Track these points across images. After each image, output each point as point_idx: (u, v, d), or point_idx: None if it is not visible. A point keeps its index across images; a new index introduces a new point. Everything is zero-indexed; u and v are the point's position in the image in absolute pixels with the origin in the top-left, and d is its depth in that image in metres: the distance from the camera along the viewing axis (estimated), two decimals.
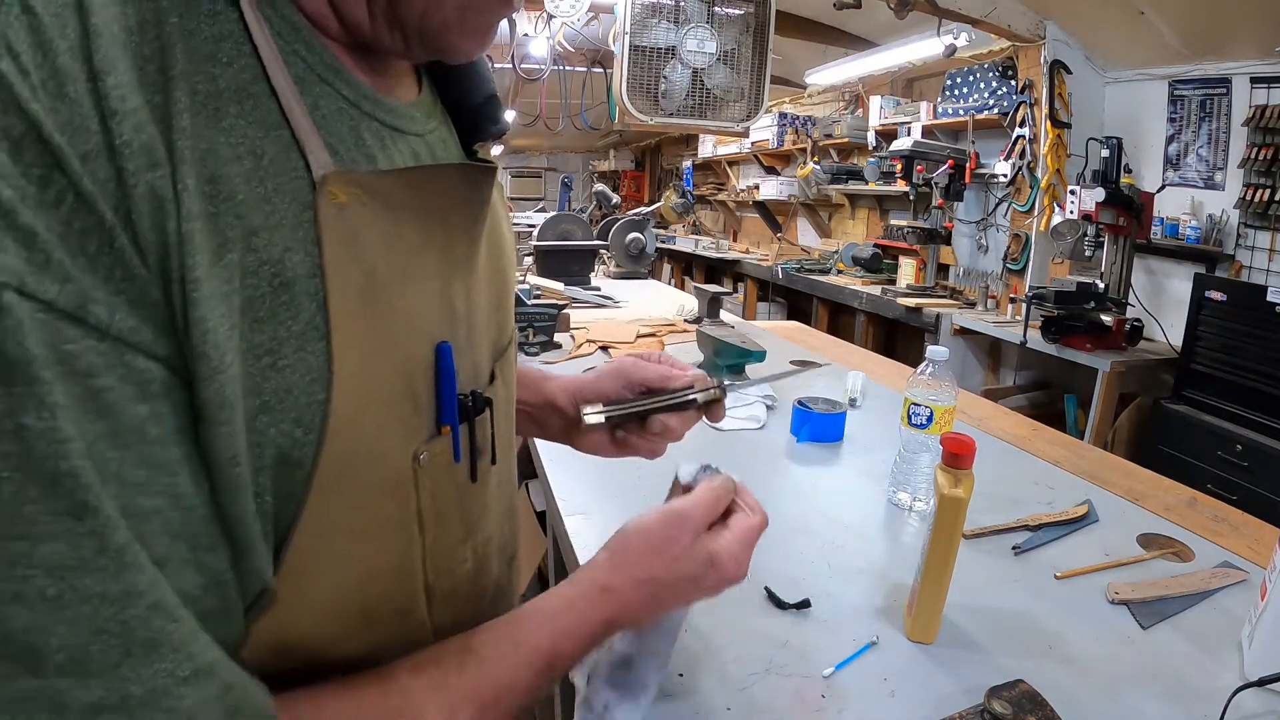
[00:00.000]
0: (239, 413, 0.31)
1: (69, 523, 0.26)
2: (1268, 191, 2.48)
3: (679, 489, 0.56)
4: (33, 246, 0.25)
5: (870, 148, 4.45)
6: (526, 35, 3.12)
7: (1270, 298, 2.16)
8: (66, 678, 0.26)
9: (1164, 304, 2.91)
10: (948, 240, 3.69)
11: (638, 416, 0.64)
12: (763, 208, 5.86)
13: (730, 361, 1.59)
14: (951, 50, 3.14)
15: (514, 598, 0.57)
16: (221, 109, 0.32)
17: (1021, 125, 3.23)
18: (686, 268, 6.50)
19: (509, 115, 5.36)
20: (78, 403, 0.26)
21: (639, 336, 2.00)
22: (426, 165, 0.43)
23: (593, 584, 0.48)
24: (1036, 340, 2.77)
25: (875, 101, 4.37)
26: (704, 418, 0.67)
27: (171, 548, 0.29)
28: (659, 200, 4.04)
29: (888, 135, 4.25)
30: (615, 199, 3.95)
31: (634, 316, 2.33)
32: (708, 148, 6.62)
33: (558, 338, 1.93)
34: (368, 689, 0.38)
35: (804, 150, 5.08)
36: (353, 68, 0.40)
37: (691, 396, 0.64)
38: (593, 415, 0.63)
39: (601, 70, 3.47)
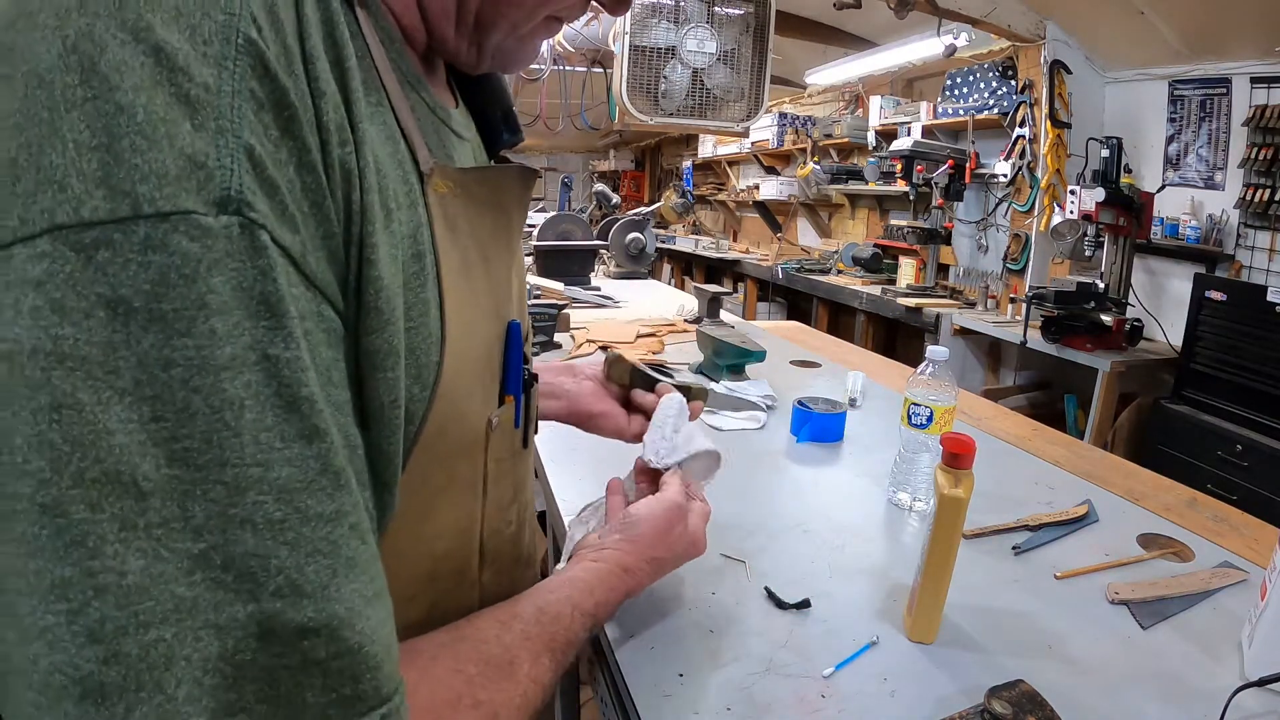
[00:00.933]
0: (401, 361, 0.35)
1: (300, 447, 0.28)
2: (1268, 191, 2.48)
3: (646, 474, 0.72)
4: (275, 196, 0.28)
5: (870, 148, 4.45)
6: None
7: (1270, 298, 2.16)
8: (280, 599, 0.27)
9: (1164, 304, 2.91)
10: (948, 240, 3.69)
11: (650, 381, 0.80)
12: (763, 208, 5.86)
13: (730, 361, 1.59)
14: (951, 50, 3.14)
15: (537, 562, 0.64)
16: (368, 98, 0.36)
17: (1021, 125, 3.23)
18: (686, 268, 6.49)
19: None
20: (301, 339, 0.29)
21: (639, 336, 2.00)
22: (497, 165, 0.50)
23: (618, 563, 0.58)
24: (1036, 340, 2.77)
25: (875, 101, 4.37)
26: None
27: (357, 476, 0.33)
28: (659, 200, 4.04)
29: (888, 135, 4.25)
30: (615, 199, 3.95)
31: (634, 316, 2.32)
32: (708, 148, 6.62)
33: (558, 338, 1.93)
34: (461, 641, 0.43)
35: (804, 150, 5.08)
36: (424, 75, 0.45)
37: (686, 381, 0.81)
38: (620, 365, 0.80)
39: (601, 70, 3.47)
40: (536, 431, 0.59)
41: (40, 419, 0.24)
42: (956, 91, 3.73)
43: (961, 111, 3.64)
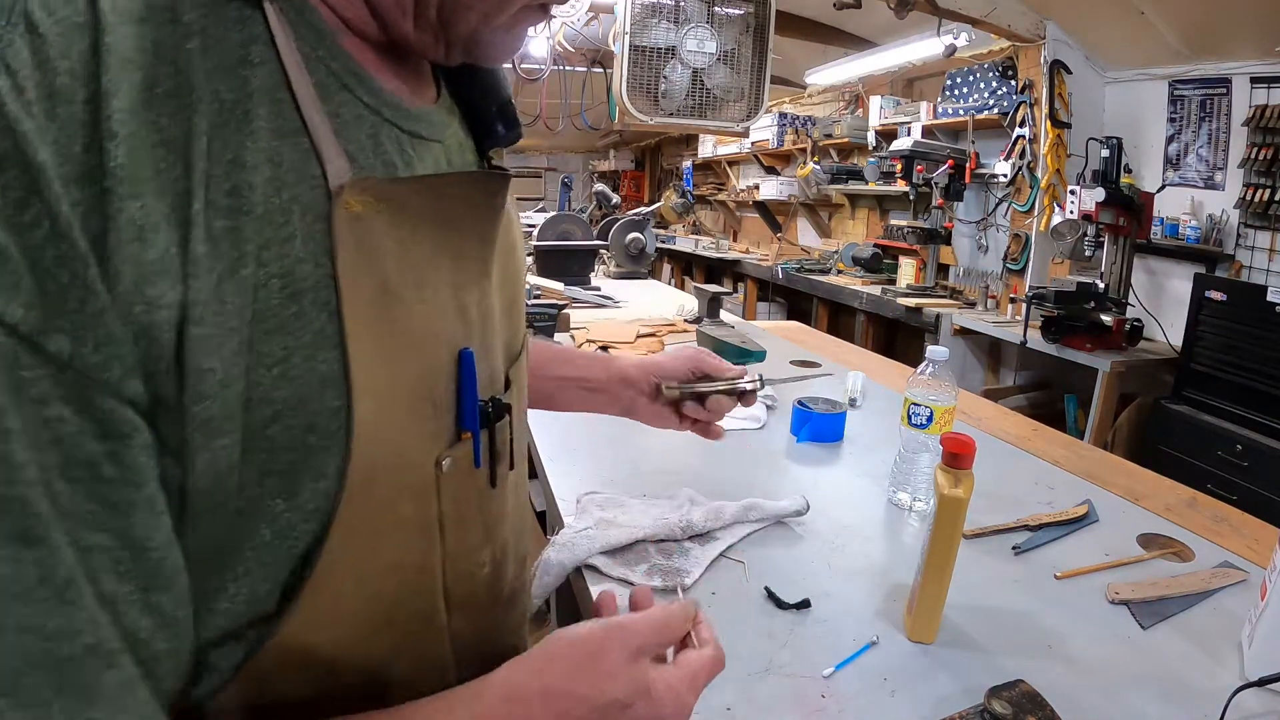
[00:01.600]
0: (238, 426, 0.31)
1: (15, 549, 0.25)
2: (1268, 191, 2.47)
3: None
4: (3, 267, 0.25)
5: (870, 148, 4.45)
6: (527, 35, 3.12)
7: (1270, 298, 2.16)
8: (1, 698, 0.25)
9: (1164, 304, 2.90)
10: (948, 240, 3.69)
11: (700, 395, 0.83)
12: (763, 208, 5.86)
13: (730, 361, 1.59)
14: (951, 50, 3.14)
15: (528, 600, 0.58)
16: (251, 111, 0.32)
17: (1021, 125, 3.23)
18: (686, 268, 6.49)
19: None
20: (32, 430, 0.25)
21: (639, 336, 2.00)
22: (442, 173, 0.43)
23: (498, 690, 0.39)
24: (1036, 340, 2.77)
25: (875, 101, 4.37)
26: (739, 403, 0.84)
27: (119, 586, 0.28)
28: (659, 200, 4.04)
29: (888, 135, 4.24)
30: (615, 199, 3.95)
31: (634, 316, 2.32)
32: (708, 148, 6.62)
33: (558, 338, 1.93)
34: None
35: (804, 150, 5.08)
36: (377, 70, 0.40)
37: (742, 385, 0.83)
38: (672, 389, 0.82)
39: (601, 70, 3.47)
40: (513, 467, 0.50)
41: None
42: (956, 91, 3.73)
43: (961, 111, 3.64)
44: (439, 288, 0.41)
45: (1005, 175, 3.35)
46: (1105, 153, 2.65)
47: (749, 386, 0.83)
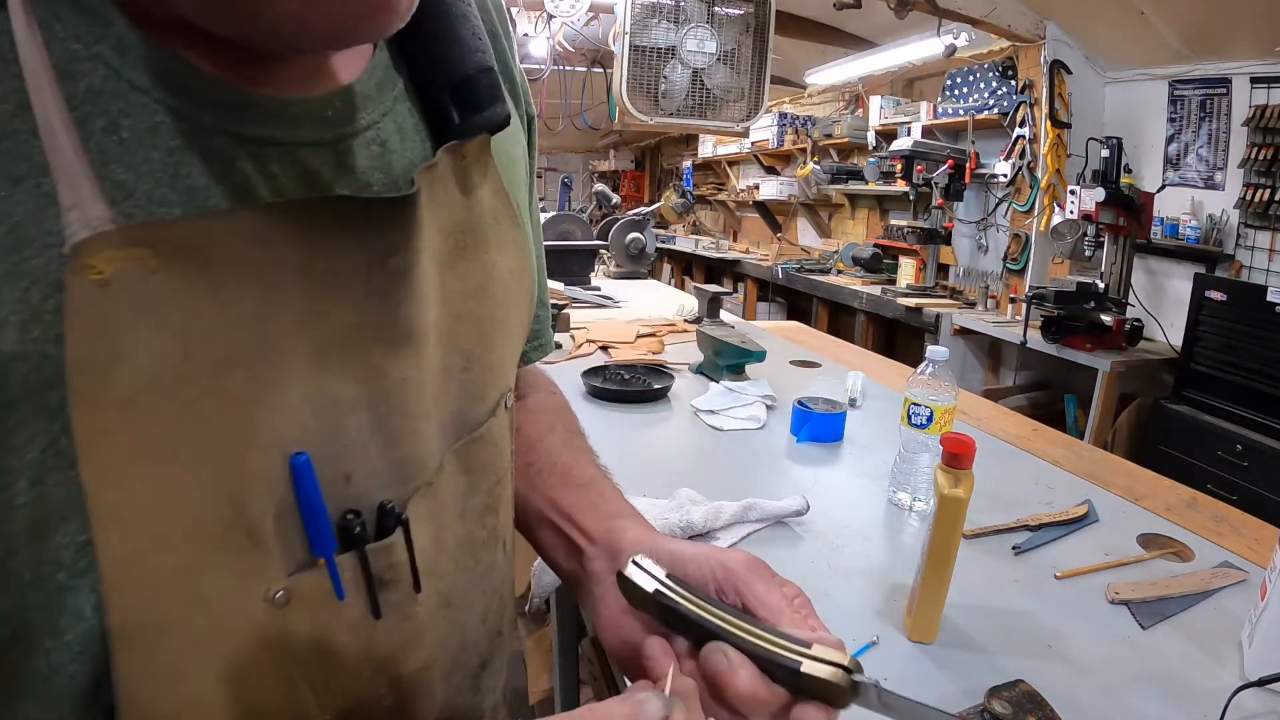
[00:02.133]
0: None
1: None
2: (1268, 191, 2.48)
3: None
4: None
5: (870, 148, 4.45)
6: (526, 35, 3.12)
7: (1270, 298, 2.16)
8: None
9: (1164, 304, 2.91)
10: (948, 240, 3.69)
11: (700, 629, 0.37)
12: (763, 208, 5.86)
13: (730, 361, 1.59)
14: (951, 50, 3.14)
15: (481, 715, 0.45)
16: None
17: (1021, 125, 3.23)
18: (686, 268, 6.49)
19: None
20: None
21: (639, 336, 2.00)
22: (266, 204, 0.30)
23: None
24: (1036, 340, 2.77)
25: (875, 101, 4.37)
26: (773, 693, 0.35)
27: None
28: (659, 200, 4.04)
29: (888, 135, 4.25)
30: (615, 199, 3.95)
31: (634, 316, 2.33)
32: (708, 148, 6.62)
33: (558, 338, 1.93)
34: None
35: (804, 150, 5.08)
36: (213, 53, 0.29)
37: (799, 660, 0.34)
38: (647, 577, 0.38)
39: (601, 70, 3.47)
40: (419, 589, 0.37)
41: None
42: (956, 91, 3.73)
43: (961, 111, 3.64)
44: (271, 366, 0.30)
45: (1005, 175, 3.35)
46: (1105, 153, 2.65)
47: (813, 671, 0.34)
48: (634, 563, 0.39)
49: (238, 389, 0.29)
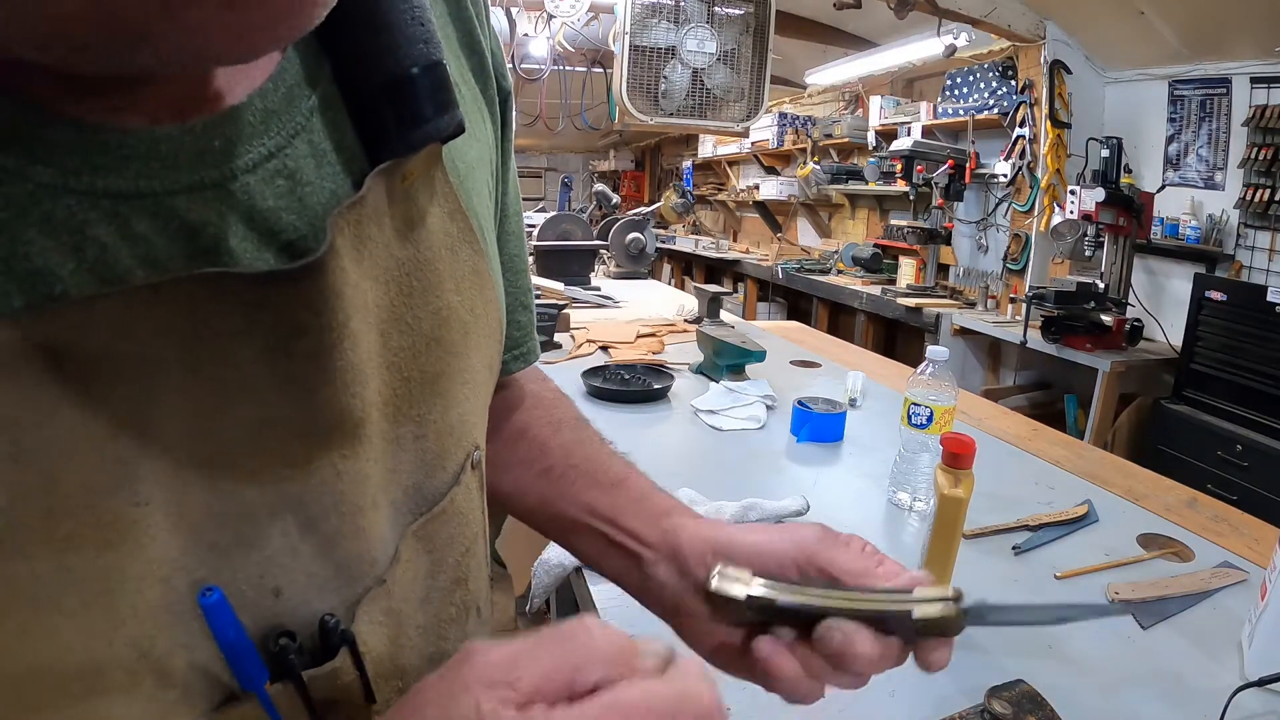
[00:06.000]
0: None
1: None
2: (1268, 191, 2.48)
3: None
4: None
5: (870, 148, 4.45)
6: (526, 35, 3.12)
7: (1270, 298, 2.16)
8: None
9: (1164, 304, 2.91)
10: (948, 240, 3.69)
11: (805, 615, 0.36)
12: (763, 208, 5.86)
13: (730, 361, 1.59)
14: (951, 50, 3.14)
15: None
16: None
17: (1021, 125, 3.23)
18: (686, 268, 6.49)
19: None
20: None
21: (639, 336, 2.00)
22: (123, 290, 0.23)
23: None
24: (1036, 340, 2.77)
25: (875, 101, 4.37)
26: (913, 654, 0.37)
27: None
28: (659, 200, 4.04)
29: (888, 135, 4.25)
30: (615, 199, 3.95)
31: (634, 316, 2.33)
32: (708, 148, 6.62)
33: (558, 338, 1.93)
34: None
35: (804, 150, 5.08)
36: (48, 83, 0.22)
37: (908, 607, 0.35)
38: (735, 584, 0.37)
39: (601, 70, 3.47)
40: (374, 699, 0.32)
41: None
42: (956, 91, 3.73)
43: (961, 111, 3.64)
44: (159, 483, 0.25)
45: (1005, 175, 3.35)
46: (1105, 153, 2.65)
47: (924, 613, 0.35)
48: (719, 575, 0.37)
49: (121, 516, 0.23)
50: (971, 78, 3.62)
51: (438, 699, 0.25)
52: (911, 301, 3.45)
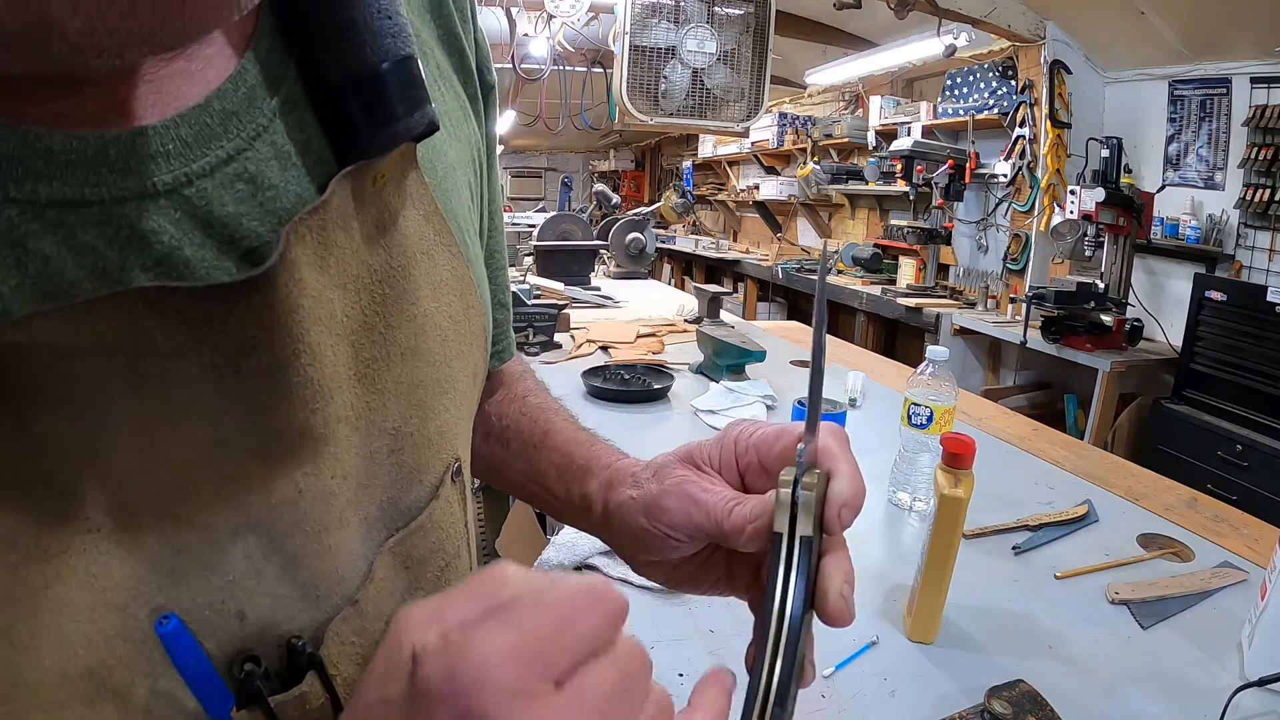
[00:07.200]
0: None
1: None
2: (1268, 191, 2.48)
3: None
4: None
5: (870, 148, 4.45)
6: (526, 35, 3.12)
7: (1270, 298, 2.16)
8: None
9: (1164, 304, 2.91)
10: (948, 240, 3.69)
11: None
12: (763, 208, 5.86)
13: (730, 361, 1.59)
14: (951, 50, 3.14)
15: None
16: None
17: (1021, 125, 3.23)
18: (686, 268, 6.50)
19: (507, 116, 5.29)
20: None
21: (639, 336, 2.00)
22: (62, 306, 0.22)
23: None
24: (1036, 340, 2.77)
25: (875, 101, 4.37)
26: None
27: None
28: (659, 200, 4.04)
29: (888, 135, 4.25)
30: (615, 199, 3.96)
31: (634, 316, 2.33)
32: (708, 148, 6.62)
33: (558, 338, 1.93)
34: None
35: (804, 150, 5.08)
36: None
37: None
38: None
39: (601, 70, 3.47)
40: None
41: None
42: (956, 91, 3.73)
43: (961, 111, 3.64)
44: (108, 509, 0.24)
45: (1005, 175, 3.35)
46: (1105, 153, 2.65)
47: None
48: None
49: (69, 546, 0.23)
50: (971, 78, 3.62)
51: (380, 664, 0.23)
52: (911, 301, 3.45)
